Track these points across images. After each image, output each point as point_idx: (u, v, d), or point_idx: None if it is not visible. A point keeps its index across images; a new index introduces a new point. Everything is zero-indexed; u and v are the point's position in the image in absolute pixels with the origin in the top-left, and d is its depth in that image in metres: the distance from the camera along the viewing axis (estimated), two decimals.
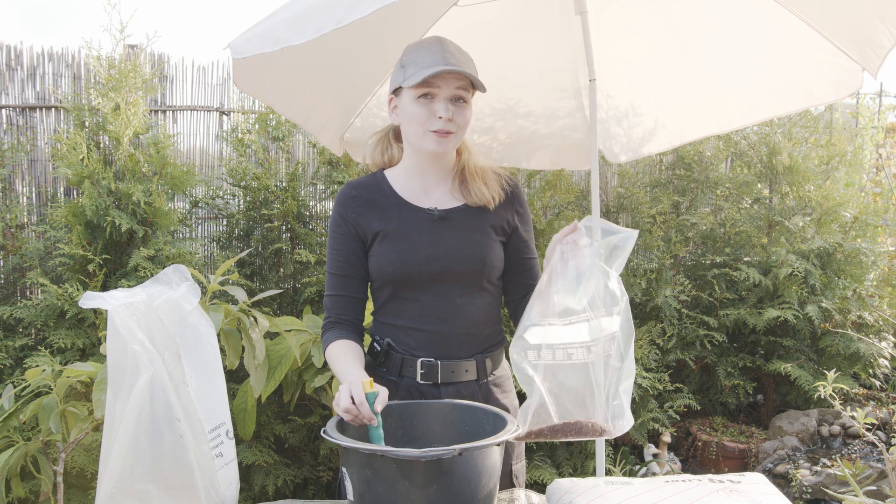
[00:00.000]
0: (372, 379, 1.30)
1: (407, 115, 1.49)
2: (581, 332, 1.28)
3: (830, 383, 1.38)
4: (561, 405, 1.26)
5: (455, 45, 1.50)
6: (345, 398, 1.27)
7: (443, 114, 1.44)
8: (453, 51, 1.47)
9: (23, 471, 1.88)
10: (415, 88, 1.46)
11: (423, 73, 1.42)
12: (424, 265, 1.50)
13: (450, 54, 1.45)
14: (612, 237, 1.31)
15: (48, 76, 3.16)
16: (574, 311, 1.29)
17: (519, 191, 1.64)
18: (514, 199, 1.62)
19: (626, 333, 1.29)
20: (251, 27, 1.52)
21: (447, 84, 1.45)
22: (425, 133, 1.47)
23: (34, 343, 2.89)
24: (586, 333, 1.28)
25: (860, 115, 4.59)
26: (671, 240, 4.11)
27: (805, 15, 1.93)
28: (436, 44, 1.48)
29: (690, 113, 2.37)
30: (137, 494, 1.13)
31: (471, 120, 1.52)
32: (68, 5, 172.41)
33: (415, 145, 1.52)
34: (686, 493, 1.16)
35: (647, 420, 3.60)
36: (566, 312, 1.29)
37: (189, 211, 3.30)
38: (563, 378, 1.27)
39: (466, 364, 1.54)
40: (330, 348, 1.51)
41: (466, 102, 1.48)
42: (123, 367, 1.14)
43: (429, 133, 1.47)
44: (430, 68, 1.42)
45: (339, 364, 1.46)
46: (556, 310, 1.29)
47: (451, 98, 1.46)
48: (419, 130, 1.48)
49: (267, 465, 2.92)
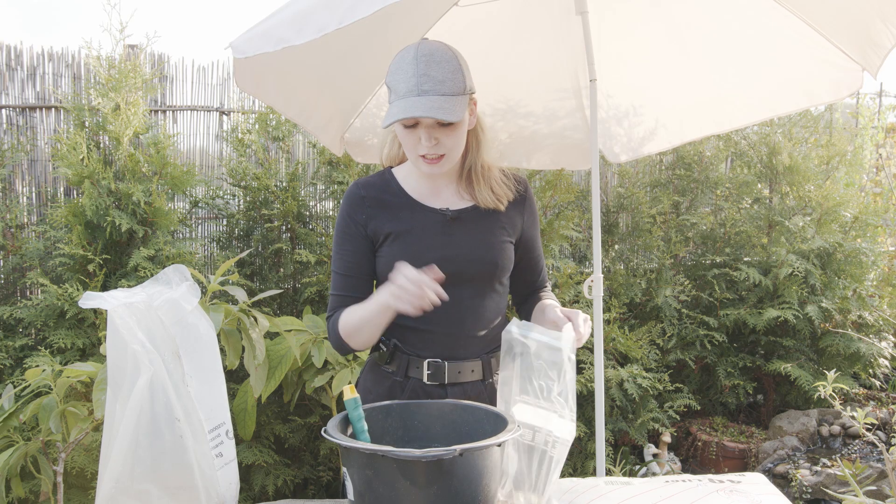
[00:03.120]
0: (353, 384, 1.30)
1: (399, 138, 1.49)
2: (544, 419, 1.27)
3: (830, 383, 1.38)
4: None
5: (435, 58, 1.39)
6: (406, 273, 1.29)
7: (424, 142, 1.41)
8: (430, 71, 1.38)
9: (23, 471, 1.88)
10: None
11: (394, 112, 1.38)
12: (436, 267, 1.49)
13: (424, 78, 1.37)
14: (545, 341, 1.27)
15: (48, 76, 3.16)
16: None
17: (529, 191, 1.63)
18: (525, 199, 1.61)
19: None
20: (252, 27, 1.52)
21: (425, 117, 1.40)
22: (416, 158, 1.46)
23: (34, 343, 2.89)
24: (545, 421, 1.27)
25: (860, 115, 4.59)
26: (671, 240, 4.11)
27: (805, 15, 1.93)
28: (412, 65, 1.38)
29: (691, 112, 2.37)
30: (137, 494, 1.13)
31: (464, 133, 1.47)
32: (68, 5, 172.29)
33: (413, 165, 1.52)
34: (686, 493, 1.16)
35: (647, 420, 3.60)
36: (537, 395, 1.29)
37: (189, 211, 3.30)
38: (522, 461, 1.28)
39: (472, 364, 1.54)
40: (343, 314, 1.49)
41: (453, 123, 1.41)
42: (123, 367, 1.14)
43: (419, 158, 1.45)
44: (401, 108, 1.37)
45: (357, 308, 1.45)
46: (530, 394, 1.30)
47: (434, 124, 1.41)
48: (411, 155, 1.47)
49: (267, 465, 2.92)
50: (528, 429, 1.25)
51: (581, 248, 4.20)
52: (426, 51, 1.40)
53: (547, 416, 1.25)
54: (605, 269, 4.10)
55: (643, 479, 1.25)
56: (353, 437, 1.24)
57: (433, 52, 1.40)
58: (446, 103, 1.37)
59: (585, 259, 4.19)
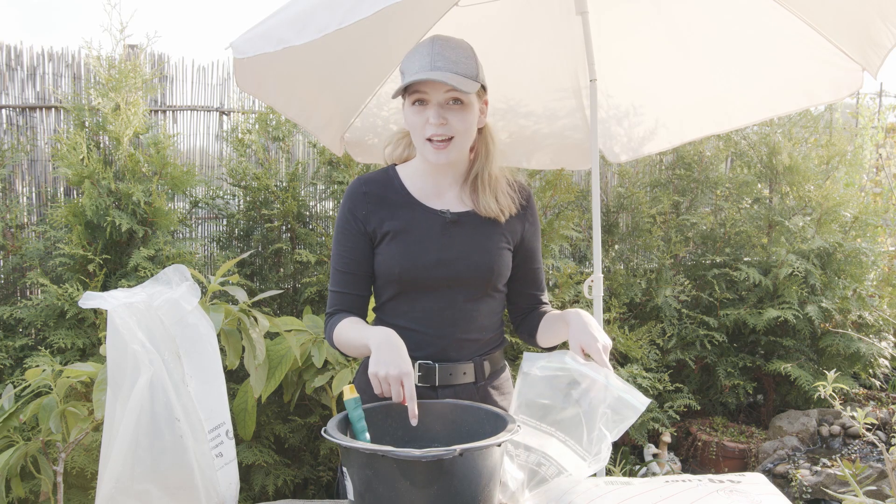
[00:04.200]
0: (353, 384, 1.30)
1: (407, 123, 1.48)
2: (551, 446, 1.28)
3: (830, 383, 1.38)
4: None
5: (451, 43, 1.43)
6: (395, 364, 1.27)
7: (433, 120, 1.41)
8: (445, 52, 1.40)
9: (23, 471, 1.88)
10: (408, 94, 1.44)
11: (406, 80, 1.40)
12: (432, 269, 1.48)
13: (438, 57, 1.39)
14: (625, 398, 1.26)
15: (48, 76, 3.16)
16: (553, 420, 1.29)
17: (532, 201, 1.62)
18: (527, 209, 1.60)
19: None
20: (253, 27, 1.52)
21: (435, 89, 1.41)
22: (423, 143, 1.45)
23: (34, 343, 2.89)
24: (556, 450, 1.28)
25: (860, 115, 4.59)
26: (671, 240, 4.11)
27: (805, 15, 1.93)
28: (427, 46, 1.42)
29: (691, 112, 2.37)
30: (137, 494, 1.13)
31: (474, 122, 1.47)
32: (68, 5, 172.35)
33: (419, 153, 1.51)
34: (686, 493, 1.16)
35: (646, 420, 3.60)
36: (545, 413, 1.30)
37: (189, 211, 3.30)
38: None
39: (464, 367, 1.53)
40: (339, 325, 1.49)
41: (464, 104, 1.43)
42: (123, 367, 1.14)
43: (426, 143, 1.44)
44: (414, 75, 1.39)
45: (353, 329, 1.44)
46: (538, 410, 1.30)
47: (444, 102, 1.41)
48: (418, 140, 1.46)
49: (267, 465, 2.92)
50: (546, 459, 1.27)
51: (581, 248, 4.20)
52: (442, 38, 1.45)
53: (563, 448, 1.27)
54: (605, 269, 4.10)
55: (643, 479, 1.25)
56: (353, 437, 1.25)
57: (449, 39, 1.45)
58: (459, 78, 1.39)
59: (585, 259, 4.19)
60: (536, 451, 1.29)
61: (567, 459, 1.27)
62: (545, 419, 1.30)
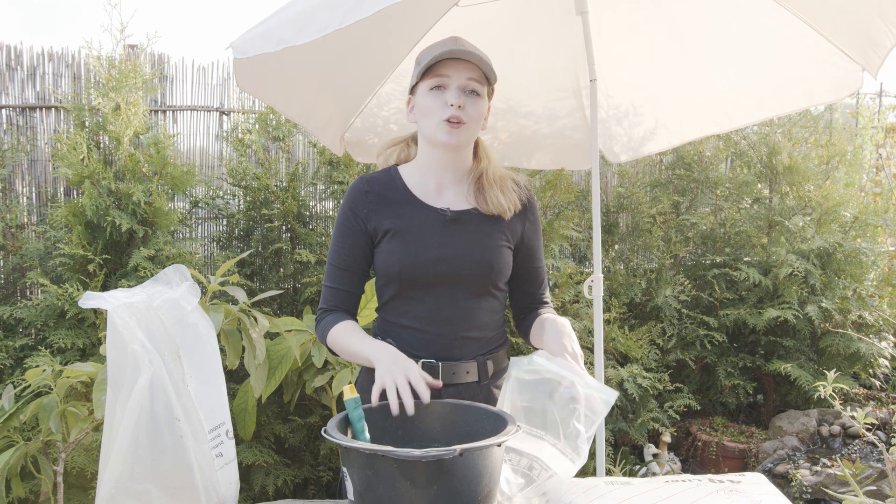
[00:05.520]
0: (353, 384, 1.31)
1: (422, 109, 1.50)
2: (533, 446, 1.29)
3: (830, 383, 1.38)
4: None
5: (471, 42, 1.51)
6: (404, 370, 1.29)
7: (454, 101, 1.44)
8: (467, 45, 1.48)
9: (23, 471, 1.88)
10: (427, 80, 1.47)
11: (431, 59, 1.45)
12: (432, 266, 1.49)
13: (462, 44, 1.47)
14: (595, 394, 1.29)
15: (48, 76, 3.16)
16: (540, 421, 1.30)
17: (533, 200, 1.63)
18: (529, 208, 1.62)
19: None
20: (253, 27, 1.53)
21: (457, 73, 1.45)
22: (438, 124, 1.47)
23: (34, 343, 2.89)
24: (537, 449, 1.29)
25: (860, 115, 4.59)
26: (671, 240, 4.11)
27: (805, 15, 1.93)
28: (450, 39, 1.50)
29: (691, 112, 2.37)
30: (137, 494, 1.13)
31: (485, 115, 1.52)
32: (68, 5, 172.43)
33: (429, 138, 1.52)
34: (686, 493, 1.16)
35: (647, 420, 3.60)
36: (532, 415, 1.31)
37: (189, 211, 3.30)
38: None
39: (468, 366, 1.53)
40: (336, 328, 1.50)
41: (480, 96, 1.48)
42: (123, 367, 1.14)
43: (441, 123, 1.47)
44: (441, 55, 1.44)
45: (351, 337, 1.46)
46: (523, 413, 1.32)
47: (463, 88, 1.46)
48: (433, 122, 1.48)
49: (267, 465, 2.92)
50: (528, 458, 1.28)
51: (581, 248, 4.20)
52: (458, 36, 1.53)
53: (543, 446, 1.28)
54: (605, 268, 4.11)
55: (643, 479, 1.25)
56: (353, 437, 1.25)
57: (465, 38, 1.53)
58: (484, 64, 1.47)
59: (585, 259, 4.19)
60: (527, 455, 1.30)
61: (556, 461, 1.28)
62: (533, 422, 1.31)
